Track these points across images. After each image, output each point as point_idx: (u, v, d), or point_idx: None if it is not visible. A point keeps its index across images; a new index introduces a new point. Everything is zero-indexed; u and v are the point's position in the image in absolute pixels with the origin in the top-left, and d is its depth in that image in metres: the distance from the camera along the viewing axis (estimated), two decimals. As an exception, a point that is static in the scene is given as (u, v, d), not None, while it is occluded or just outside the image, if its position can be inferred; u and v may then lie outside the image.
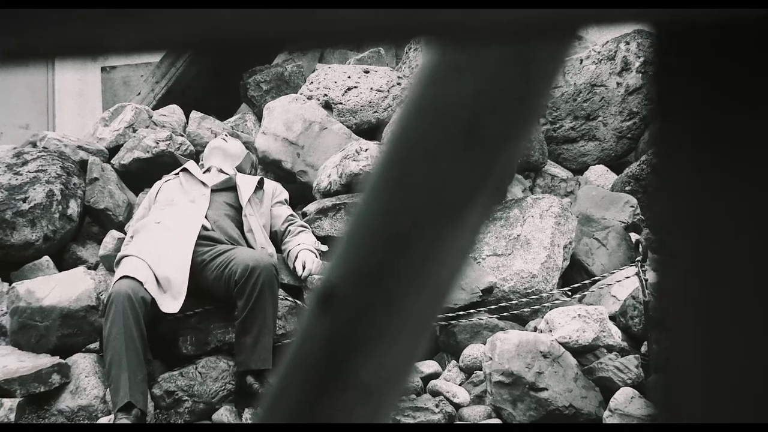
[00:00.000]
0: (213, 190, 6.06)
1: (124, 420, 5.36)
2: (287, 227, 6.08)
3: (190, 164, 6.30)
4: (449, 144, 0.78)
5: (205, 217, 5.89)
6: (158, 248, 5.68)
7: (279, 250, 6.04)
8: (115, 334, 5.42)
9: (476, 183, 0.79)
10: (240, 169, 6.38)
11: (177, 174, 6.22)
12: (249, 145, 6.73)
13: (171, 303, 5.57)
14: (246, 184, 6.13)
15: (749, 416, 0.69)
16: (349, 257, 0.84)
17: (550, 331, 5.67)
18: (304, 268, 5.84)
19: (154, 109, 7.42)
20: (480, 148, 0.78)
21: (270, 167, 6.76)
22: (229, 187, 6.12)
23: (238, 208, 6.03)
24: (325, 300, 0.84)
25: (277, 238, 6.09)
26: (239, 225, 5.97)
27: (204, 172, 6.25)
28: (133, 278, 5.53)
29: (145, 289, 5.52)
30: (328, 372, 0.85)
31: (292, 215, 6.16)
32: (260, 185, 6.18)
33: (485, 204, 0.80)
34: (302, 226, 6.10)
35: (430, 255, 0.81)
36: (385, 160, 0.81)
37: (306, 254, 5.88)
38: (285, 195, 6.26)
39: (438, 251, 0.81)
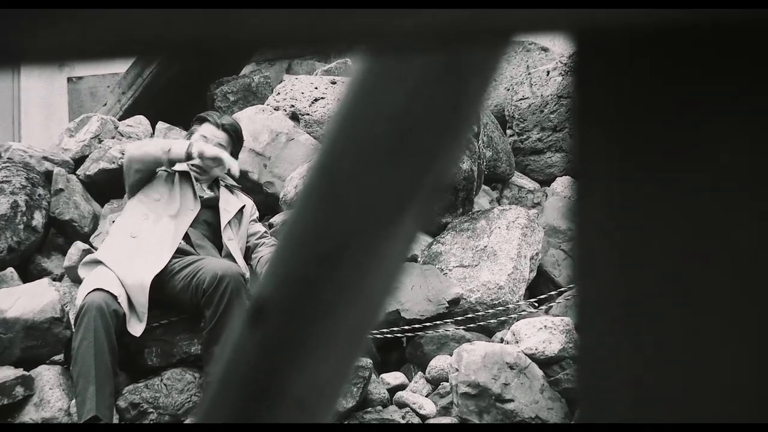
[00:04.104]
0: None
1: (89, 433, 5.32)
2: (262, 241, 6.01)
3: (182, 164, 5.97)
4: (376, 155, 0.77)
5: (187, 235, 5.76)
6: (129, 264, 5.59)
7: (248, 263, 5.98)
8: (85, 347, 5.37)
9: (405, 194, 0.78)
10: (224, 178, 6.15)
11: (172, 170, 5.92)
12: (236, 129, 6.27)
13: (137, 325, 5.52)
14: (228, 207, 5.95)
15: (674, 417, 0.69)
16: (280, 270, 0.83)
17: (517, 342, 5.67)
18: None
19: (120, 119, 7.38)
20: (407, 158, 0.77)
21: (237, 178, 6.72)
22: (210, 205, 5.99)
23: (216, 229, 5.91)
24: (256, 313, 0.83)
25: (248, 254, 6.01)
26: (219, 248, 5.86)
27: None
28: (107, 291, 5.46)
29: (118, 302, 5.46)
30: (259, 386, 0.84)
31: (266, 232, 6.08)
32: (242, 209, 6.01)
33: (418, 215, 0.80)
34: (275, 242, 6.02)
35: (361, 267, 0.81)
36: (315, 171, 0.80)
37: None
38: (257, 212, 6.19)
39: (369, 263, 0.81)
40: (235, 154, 6.16)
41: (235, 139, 6.14)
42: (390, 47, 0.70)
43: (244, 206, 6.03)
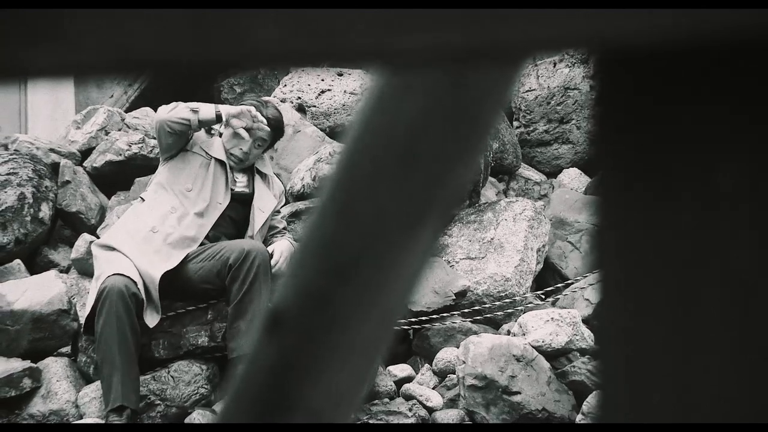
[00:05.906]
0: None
1: (116, 421, 5.33)
2: (278, 236, 5.92)
3: (220, 151, 5.90)
4: (389, 168, 0.77)
5: (207, 234, 5.70)
6: (142, 257, 5.56)
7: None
8: (108, 333, 5.37)
9: (419, 207, 0.78)
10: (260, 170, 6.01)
11: (209, 156, 5.85)
12: (278, 120, 6.10)
13: (153, 316, 5.52)
14: (263, 206, 5.85)
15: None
16: (296, 282, 0.84)
17: (524, 334, 5.67)
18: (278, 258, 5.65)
19: (126, 111, 7.39)
20: (419, 172, 0.77)
21: (243, 170, 6.72)
22: (241, 200, 5.87)
23: (240, 225, 5.86)
24: (273, 325, 0.83)
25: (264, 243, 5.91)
26: None
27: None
28: (128, 276, 5.44)
29: (138, 288, 5.46)
30: (276, 397, 0.84)
31: (285, 228, 5.99)
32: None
33: (433, 227, 0.80)
34: (289, 237, 5.94)
35: (376, 279, 0.81)
36: (332, 184, 0.80)
37: (282, 244, 5.72)
38: (284, 199, 6.08)
39: (384, 275, 0.81)
40: (272, 144, 6.10)
41: (276, 130, 6.00)
42: (405, 65, 0.70)
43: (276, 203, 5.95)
